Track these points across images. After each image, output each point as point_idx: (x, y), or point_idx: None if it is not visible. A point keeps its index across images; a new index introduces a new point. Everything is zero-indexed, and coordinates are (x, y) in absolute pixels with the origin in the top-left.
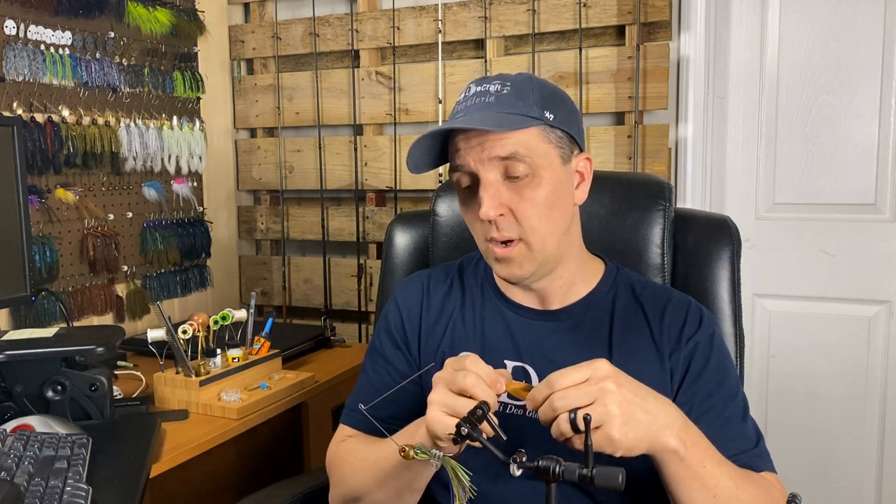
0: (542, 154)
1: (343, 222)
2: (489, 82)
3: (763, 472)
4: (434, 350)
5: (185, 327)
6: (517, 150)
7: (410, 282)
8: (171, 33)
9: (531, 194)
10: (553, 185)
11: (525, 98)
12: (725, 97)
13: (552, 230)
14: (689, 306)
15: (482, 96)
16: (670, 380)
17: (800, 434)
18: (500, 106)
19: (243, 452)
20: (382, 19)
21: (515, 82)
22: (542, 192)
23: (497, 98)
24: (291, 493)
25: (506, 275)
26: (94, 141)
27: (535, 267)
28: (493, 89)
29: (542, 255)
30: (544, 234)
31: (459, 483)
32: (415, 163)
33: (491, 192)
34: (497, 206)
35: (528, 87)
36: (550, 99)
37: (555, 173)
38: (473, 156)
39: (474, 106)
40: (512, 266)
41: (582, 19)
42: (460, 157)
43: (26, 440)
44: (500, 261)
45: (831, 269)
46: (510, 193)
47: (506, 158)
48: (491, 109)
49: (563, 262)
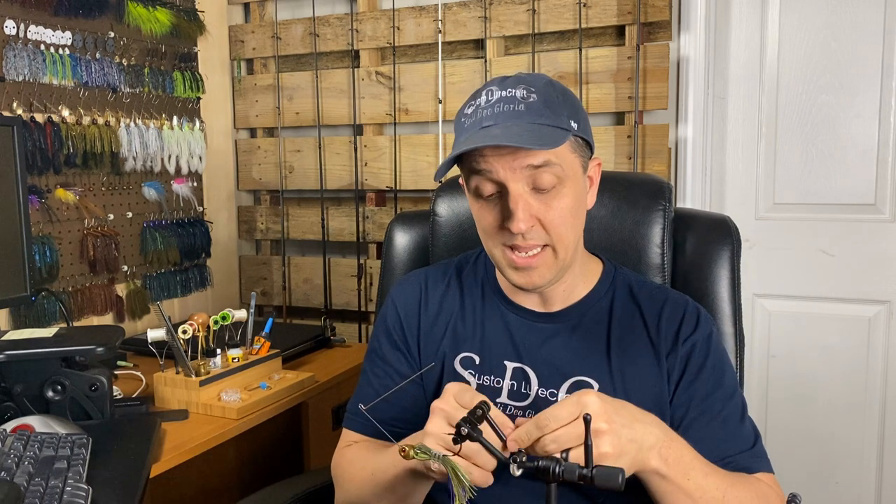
0: (570, 164)
1: (343, 222)
2: (513, 87)
3: (759, 474)
4: (434, 350)
5: (185, 327)
6: (550, 158)
7: (407, 282)
8: (171, 33)
9: (558, 204)
10: (576, 193)
11: (554, 107)
12: (725, 97)
13: (575, 237)
14: (686, 306)
15: (510, 103)
16: (667, 380)
17: (800, 434)
18: (532, 115)
19: (243, 452)
20: (382, 19)
21: (538, 87)
22: (568, 202)
23: (527, 106)
24: (291, 493)
25: (524, 283)
26: (94, 141)
27: (554, 275)
28: (520, 95)
29: (564, 263)
30: (569, 242)
31: (459, 483)
32: (442, 172)
33: (522, 205)
34: (528, 219)
35: (553, 94)
36: (573, 106)
37: (577, 182)
38: (503, 164)
39: (504, 114)
40: (533, 275)
41: (582, 19)
42: (487, 163)
43: (26, 440)
44: (521, 269)
45: (831, 269)
46: (538, 204)
47: (538, 167)
48: (523, 119)
49: (570, 269)
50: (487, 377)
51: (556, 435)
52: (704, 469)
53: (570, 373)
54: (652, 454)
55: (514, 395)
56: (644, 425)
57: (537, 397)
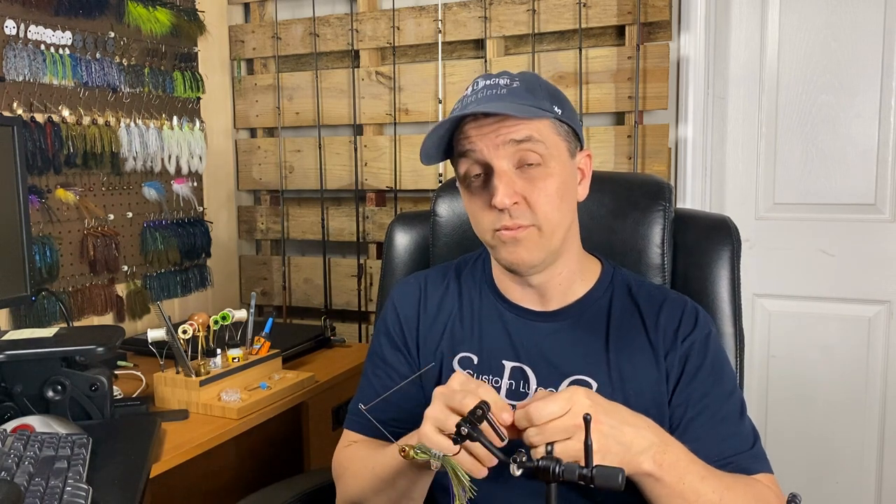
0: (554, 144)
1: (343, 222)
2: (497, 77)
3: (759, 475)
4: (433, 351)
5: (185, 327)
6: (532, 134)
7: (407, 283)
8: (171, 33)
9: (543, 184)
10: (563, 176)
11: (535, 92)
12: (725, 97)
13: (561, 220)
14: (684, 306)
15: (493, 89)
16: (666, 380)
17: (800, 434)
18: (513, 97)
19: (243, 452)
20: (382, 19)
21: (523, 78)
22: (554, 183)
23: (509, 90)
24: (291, 493)
25: (513, 259)
26: (94, 141)
27: (543, 254)
28: (503, 83)
29: (551, 243)
30: (555, 222)
31: (459, 483)
32: (427, 154)
33: (505, 181)
34: (512, 195)
35: (536, 83)
36: (557, 95)
37: (564, 166)
38: (487, 141)
39: (486, 97)
40: (520, 249)
41: (582, 19)
42: (471, 143)
43: (26, 440)
44: (509, 243)
45: (831, 269)
46: (523, 182)
47: (521, 142)
48: (505, 100)
49: (564, 258)
50: (486, 377)
51: (542, 428)
52: (701, 472)
53: (568, 372)
54: (644, 458)
55: (512, 394)
56: (635, 429)
57: None
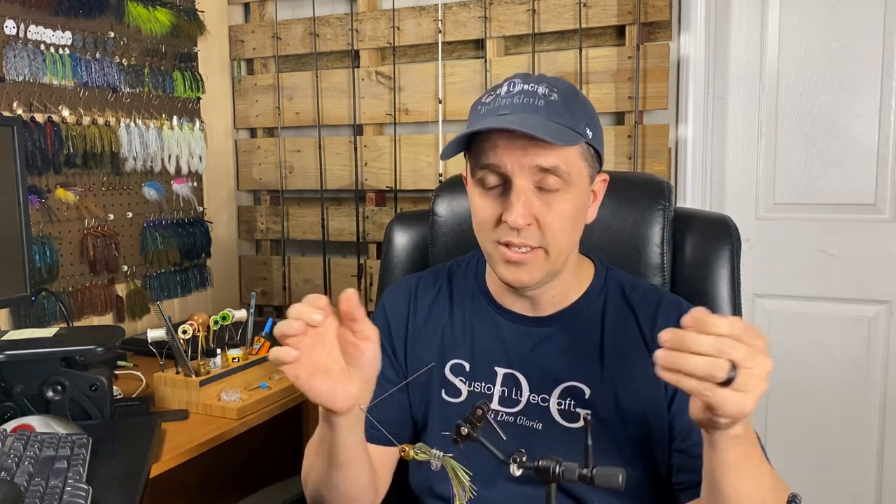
0: (578, 171)
1: (343, 222)
2: (536, 82)
3: None
4: (422, 357)
5: (185, 327)
6: (559, 164)
7: (398, 287)
8: (171, 33)
9: (559, 207)
10: (579, 202)
11: (573, 110)
12: (725, 97)
13: (568, 245)
14: (680, 308)
15: (530, 97)
16: (665, 385)
17: (800, 434)
18: (551, 113)
19: (243, 452)
20: (382, 19)
21: (562, 89)
22: (569, 208)
23: (547, 104)
24: (291, 494)
25: (513, 279)
26: (94, 141)
27: (543, 276)
28: (542, 91)
29: (555, 266)
30: (563, 246)
31: (459, 483)
32: (449, 153)
33: (523, 201)
34: (527, 216)
35: (574, 98)
36: (592, 115)
37: (581, 191)
38: (514, 158)
39: (522, 106)
40: (522, 272)
41: (582, 19)
42: (496, 156)
43: (26, 440)
44: (511, 265)
45: (831, 269)
46: (539, 203)
47: (546, 170)
48: (541, 115)
49: (562, 274)
50: (478, 383)
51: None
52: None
53: (561, 378)
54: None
55: (504, 401)
56: None
57: (528, 403)
